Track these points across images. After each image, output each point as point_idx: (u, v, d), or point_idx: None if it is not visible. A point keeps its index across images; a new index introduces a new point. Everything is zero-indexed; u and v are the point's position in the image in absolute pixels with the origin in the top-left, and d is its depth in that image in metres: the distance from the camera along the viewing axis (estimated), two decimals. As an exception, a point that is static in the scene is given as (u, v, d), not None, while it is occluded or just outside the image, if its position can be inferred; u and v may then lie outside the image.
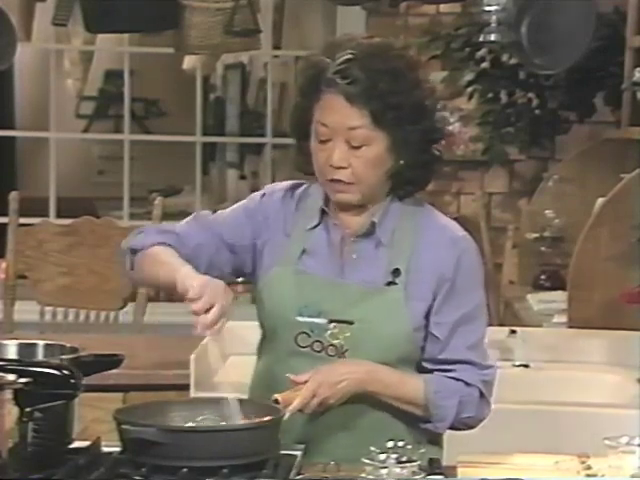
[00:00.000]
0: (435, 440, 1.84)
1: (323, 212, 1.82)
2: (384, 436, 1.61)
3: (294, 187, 1.87)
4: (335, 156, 1.73)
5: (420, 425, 1.80)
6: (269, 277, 1.81)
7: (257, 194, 1.89)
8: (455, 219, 1.89)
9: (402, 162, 1.76)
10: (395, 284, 1.77)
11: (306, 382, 1.71)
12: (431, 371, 1.81)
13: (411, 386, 1.78)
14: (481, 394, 1.80)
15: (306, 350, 1.78)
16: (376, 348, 1.77)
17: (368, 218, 1.80)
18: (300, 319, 1.78)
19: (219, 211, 1.89)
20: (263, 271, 1.83)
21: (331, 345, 1.77)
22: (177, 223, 1.87)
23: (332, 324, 1.77)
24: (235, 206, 1.89)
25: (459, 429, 1.83)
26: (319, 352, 1.78)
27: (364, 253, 1.79)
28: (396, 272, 1.77)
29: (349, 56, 1.72)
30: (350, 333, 1.76)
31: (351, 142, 1.73)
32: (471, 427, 1.83)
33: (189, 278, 1.68)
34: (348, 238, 1.81)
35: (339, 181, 1.75)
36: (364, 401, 1.78)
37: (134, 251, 1.81)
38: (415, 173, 1.79)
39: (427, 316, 1.78)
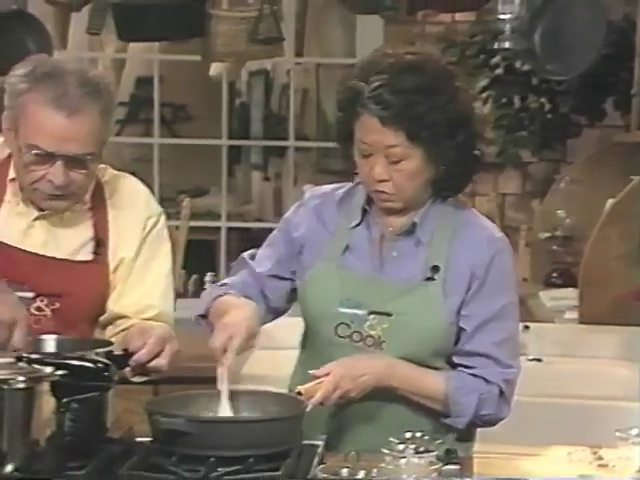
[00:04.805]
0: (464, 436, 1.82)
1: (365, 211, 1.84)
2: (408, 429, 1.60)
3: (335, 190, 1.90)
4: (376, 171, 1.76)
5: (441, 420, 1.80)
6: (313, 272, 1.84)
7: (292, 209, 1.92)
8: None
9: (442, 169, 1.78)
10: (433, 280, 1.78)
11: (328, 375, 1.71)
12: (456, 364, 1.80)
13: (431, 382, 1.78)
14: (501, 392, 1.79)
15: (345, 340, 1.79)
16: (412, 340, 1.77)
17: (410, 219, 1.82)
18: (341, 310, 1.79)
19: (260, 252, 1.91)
20: (306, 268, 1.85)
21: (369, 336, 1.78)
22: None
23: (371, 315, 1.78)
24: (272, 238, 1.91)
25: (478, 426, 1.82)
26: (357, 342, 1.79)
27: (404, 251, 1.81)
28: (435, 269, 1.78)
29: (381, 82, 1.72)
30: (388, 325, 1.78)
31: (390, 158, 1.75)
32: (490, 424, 1.82)
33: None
34: (389, 236, 1.83)
35: (382, 192, 1.78)
36: (389, 395, 1.78)
37: (204, 316, 1.86)
38: (455, 179, 1.81)
39: (459, 312, 1.79)
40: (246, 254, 1.93)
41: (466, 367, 1.79)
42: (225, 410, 1.66)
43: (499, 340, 1.79)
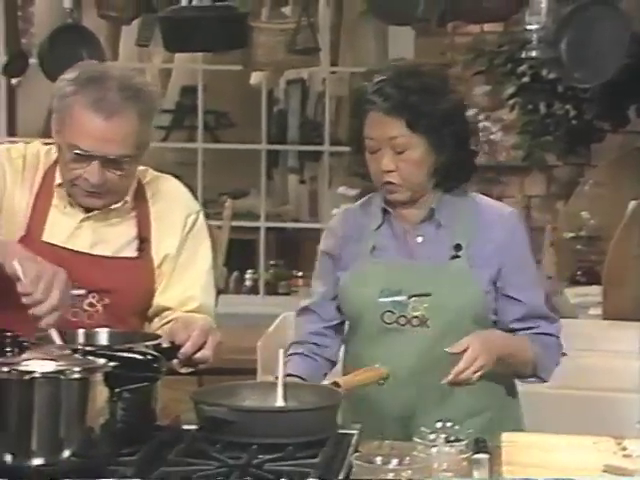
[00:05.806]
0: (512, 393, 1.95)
1: (385, 211, 1.92)
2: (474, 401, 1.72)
3: (352, 205, 1.99)
4: (383, 162, 1.85)
5: (525, 381, 1.89)
6: (349, 274, 1.91)
7: (324, 237, 2.00)
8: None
9: (443, 158, 1.86)
10: (458, 257, 1.86)
11: (464, 351, 1.74)
12: (517, 330, 1.88)
13: (526, 345, 1.86)
14: (559, 343, 1.90)
15: (392, 326, 1.86)
16: (452, 313, 1.84)
17: (424, 207, 1.90)
18: (383, 300, 1.86)
19: (316, 291, 1.98)
20: (342, 272, 1.93)
21: (414, 317, 1.85)
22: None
23: (412, 298, 1.85)
24: (318, 262, 2.00)
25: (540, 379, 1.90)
26: (404, 325, 1.86)
27: (428, 236, 1.89)
28: (458, 247, 1.86)
29: (382, 77, 1.85)
30: (428, 304, 1.85)
31: (395, 149, 1.84)
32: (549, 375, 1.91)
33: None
34: (410, 226, 1.90)
35: (390, 183, 1.86)
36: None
37: None
38: (455, 169, 1.88)
39: (494, 282, 1.87)
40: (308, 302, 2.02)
41: (529, 329, 1.87)
42: (279, 400, 1.69)
43: (543, 301, 1.91)
